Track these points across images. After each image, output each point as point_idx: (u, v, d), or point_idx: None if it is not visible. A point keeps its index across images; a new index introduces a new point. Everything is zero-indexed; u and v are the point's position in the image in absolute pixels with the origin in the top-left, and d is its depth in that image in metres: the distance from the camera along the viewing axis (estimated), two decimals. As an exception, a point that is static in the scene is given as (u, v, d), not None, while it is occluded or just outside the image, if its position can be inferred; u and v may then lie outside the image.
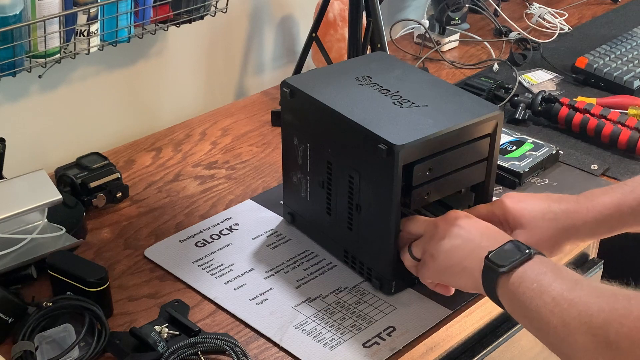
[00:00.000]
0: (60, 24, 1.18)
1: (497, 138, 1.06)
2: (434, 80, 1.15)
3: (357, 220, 1.07)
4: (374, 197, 1.03)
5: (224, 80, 1.65)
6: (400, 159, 0.97)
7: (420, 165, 1.00)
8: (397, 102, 1.06)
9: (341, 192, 1.08)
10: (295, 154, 1.14)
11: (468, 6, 1.87)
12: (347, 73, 1.14)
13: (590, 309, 0.77)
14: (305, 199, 1.16)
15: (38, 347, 0.96)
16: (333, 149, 1.07)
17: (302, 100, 1.10)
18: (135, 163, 1.40)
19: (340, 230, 1.11)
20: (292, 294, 1.08)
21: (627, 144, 1.39)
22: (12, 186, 1.14)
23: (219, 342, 0.98)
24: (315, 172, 1.12)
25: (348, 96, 1.08)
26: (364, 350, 0.99)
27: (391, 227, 1.01)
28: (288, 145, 1.16)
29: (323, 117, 1.07)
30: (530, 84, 1.64)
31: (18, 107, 1.33)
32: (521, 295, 0.84)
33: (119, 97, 1.47)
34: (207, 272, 1.12)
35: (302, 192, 1.16)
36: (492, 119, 1.04)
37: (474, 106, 1.06)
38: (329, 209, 1.11)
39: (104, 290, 1.02)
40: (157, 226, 1.23)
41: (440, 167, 1.03)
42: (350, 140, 1.04)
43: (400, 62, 1.20)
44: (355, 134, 1.02)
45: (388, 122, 1.02)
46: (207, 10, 1.39)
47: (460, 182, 1.07)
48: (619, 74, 1.61)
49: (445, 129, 1.01)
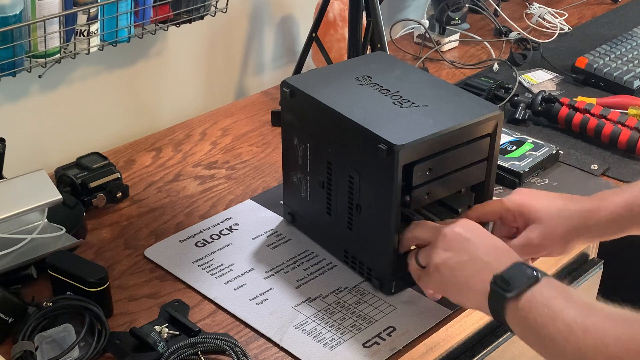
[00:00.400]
0: (60, 24, 1.18)
1: (497, 138, 1.06)
2: (434, 80, 1.15)
3: (357, 220, 1.07)
4: (374, 197, 1.03)
5: (224, 80, 1.65)
6: (400, 159, 0.97)
7: (420, 165, 1.00)
8: (397, 102, 1.06)
9: (341, 192, 1.08)
10: (296, 154, 1.14)
11: (468, 6, 1.87)
12: (347, 73, 1.14)
13: (607, 337, 0.76)
14: (305, 199, 1.16)
15: (38, 347, 0.96)
16: (333, 149, 1.07)
17: (302, 100, 1.10)
18: (135, 163, 1.40)
19: (341, 230, 1.10)
20: (292, 294, 1.08)
21: (627, 144, 1.39)
22: (12, 186, 1.14)
23: (219, 342, 0.98)
24: (315, 172, 1.12)
25: (348, 96, 1.08)
26: (364, 350, 0.99)
27: (391, 227, 1.01)
28: (288, 145, 1.16)
29: (323, 117, 1.07)
30: (530, 84, 1.64)
31: (18, 107, 1.33)
32: (532, 322, 0.83)
33: (119, 97, 1.47)
34: (207, 272, 1.12)
35: (302, 192, 1.16)
36: (492, 119, 1.04)
37: (474, 106, 1.06)
38: (329, 209, 1.11)
39: (104, 290, 1.02)
40: (157, 226, 1.23)
41: (441, 167, 1.03)
42: (350, 140, 1.04)
43: (400, 62, 1.20)
44: (355, 133, 1.02)
45: (388, 122, 1.01)
46: (207, 10, 1.39)
47: (460, 182, 1.07)
48: (619, 74, 1.61)
49: (445, 129, 1.01)
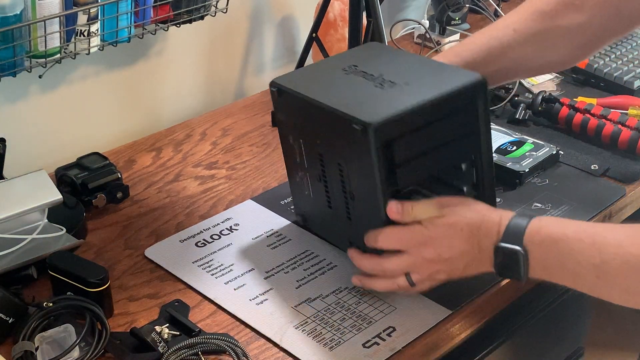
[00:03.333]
0: (60, 24, 1.18)
1: (482, 107, 1.02)
2: (420, 60, 1.11)
3: (354, 209, 1.05)
4: (361, 182, 1.00)
5: (224, 80, 1.65)
6: (375, 136, 0.94)
7: (400, 142, 0.97)
8: (379, 84, 1.04)
9: (335, 183, 1.06)
10: (294, 153, 1.14)
11: (468, 6, 1.87)
12: (336, 65, 1.12)
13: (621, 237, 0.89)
14: (309, 197, 1.15)
15: (38, 348, 0.96)
16: (321, 141, 1.06)
17: (289, 98, 1.08)
18: (135, 163, 1.40)
19: (342, 222, 1.09)
20: (292, 294, 1.08)
21: (627, 144, 1.39)
22: (13, 186, 1.14)
23: (219, 343, 0.98)
24: (312, 167, 1.11)
25: (331, 86, 1.06)
26: (364, 351, 0.99)
27: (381, 210, 0.98)
28: (286, 145, 1.15)
29: (307, 109, 1.05)
30: (530, 84, 1.64)
31: (18, 107, 1.33)
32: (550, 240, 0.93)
33: (119, 97, 1.47)
34: (207, 272, 1.12)
35: (305, 191, 1.15)
36: (471, 87, 1.01)
37: (452, 76, 1.03)
38: (329, 202, 1.10)
39: (104, 291, 1.03)
40: (157, 226, 1.23)
41: (424, 142, 0.99)
42: (333, 128, 1.01)
43: (391, 49, 1.17)
44: (335, 120, 1.00)
45: (365, 103, 0.99)
46: (208, 10, 1.39)
47: (451, 156, 1.04)
48: (619, 74, 1.61)
49: (421, 101, 0.97)
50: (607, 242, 0.89)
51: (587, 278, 0.91)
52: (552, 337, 1.32)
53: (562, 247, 0.92)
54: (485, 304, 1.09)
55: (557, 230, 0.94)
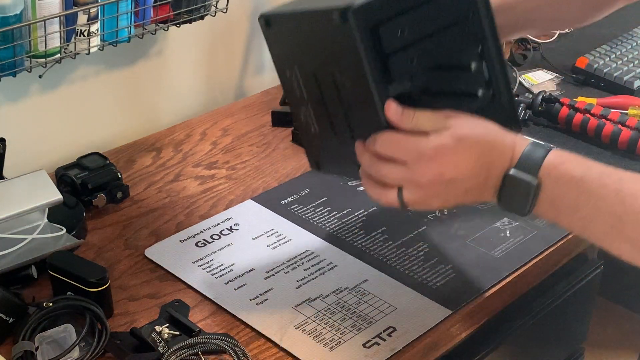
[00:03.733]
0: (60, 24, 1.18)
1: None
2: None
3: (354, 123, 0.94)
4: (355, 84, 0.89)
5: (224, 80, 1.65)
6: (356, 21, 0.84)
7: (387, 26, 0.86)
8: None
9: (333, 100, 0.95)
10: (293, 89, 1.03)
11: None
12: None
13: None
14: (316, 135, 1.03)
15: (38, 348, 0.96)
16: (312, 57, 0.96)
17: (278, 24, 1.00)
18: (135, 163, 1.40)
19: (348, 145, 0.95)
20: (292, 294, 1.08)
21: (627, 144, 1.39)
22: (13, 186, 1.14)
23: (219, 342, 0.98)
24: (310, 94, 1.00)
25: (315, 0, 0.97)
26: (364, 351, 0.99)
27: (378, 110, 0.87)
28: (286, 85, 1.05)
29: (295, 28, 0.98)
30: (530, 84, 1.64)
31: (18, 107, 1.33)
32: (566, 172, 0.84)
33: (119, 97, 1.47)
34: (207, 272, 1.12)
35: (312, 129, 1.03)
36: None
37: None
38: (332, 127, 0.99)
39: (104, 291, 1.03)
40: (157, 226, 1.23)
41: (417, 25, 0.88)
42: (319, 34, 0.92)
43: None
44: (318, 22, 0.91)
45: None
46: (208, 10, 1.39)
47: (452, 45, 0.91)
48: (619, 74, 1.61)
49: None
50: (633, 193, 0.81)
51: (600, 227, 0.83)
52: (552, 337, 1.32)
53: (582, 188, 0.83)
54: (485, 304, 1.09)
55: (579, 169, 0.84)
